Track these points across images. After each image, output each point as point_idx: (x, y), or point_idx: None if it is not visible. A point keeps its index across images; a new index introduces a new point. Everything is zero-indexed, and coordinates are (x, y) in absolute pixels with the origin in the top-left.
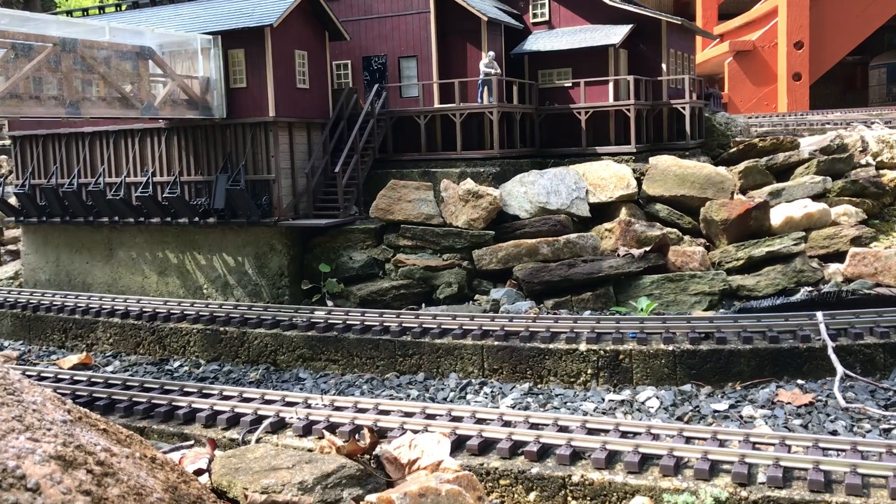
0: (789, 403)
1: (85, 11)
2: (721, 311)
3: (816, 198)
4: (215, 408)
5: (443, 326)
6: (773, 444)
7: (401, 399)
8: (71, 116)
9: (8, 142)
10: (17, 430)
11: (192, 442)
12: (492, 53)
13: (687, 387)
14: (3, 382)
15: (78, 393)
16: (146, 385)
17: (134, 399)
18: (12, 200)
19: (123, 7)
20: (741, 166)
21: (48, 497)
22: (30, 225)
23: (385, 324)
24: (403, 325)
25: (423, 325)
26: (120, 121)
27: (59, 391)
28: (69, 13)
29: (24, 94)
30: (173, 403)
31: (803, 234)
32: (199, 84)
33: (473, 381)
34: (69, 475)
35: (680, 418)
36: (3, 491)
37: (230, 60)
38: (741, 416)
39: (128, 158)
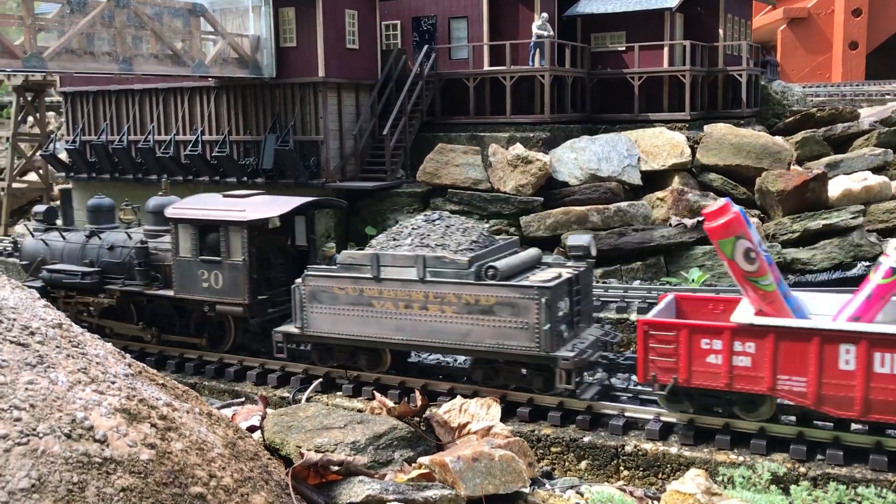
0: None
1: None
2: None
3: (876, 170)
4: (266, 366)
5: None
6: None
7: (448, 363)
8: (124, 73)
9: (58, 98)
10: (84, 383)
11: (242, 399)
12: (545, 15)
13: None
14: (68, 335)
15: (130, 348)
16: None
17: (185, 355)
18: (63, 156)
19: None
20: (798, 136)
21: (115, 449)
22: (80, 181)
23: None
24: None
25: None
26: (170, 78)
27: None
28: None
29: (78, 49)
30: (224, 360)
31: (862, 207)
32: (250, 42)
33: None
34: (134, 428)
35: None
36: (73, 441)
37: (280, 19)
38: None
39: (177, 117)
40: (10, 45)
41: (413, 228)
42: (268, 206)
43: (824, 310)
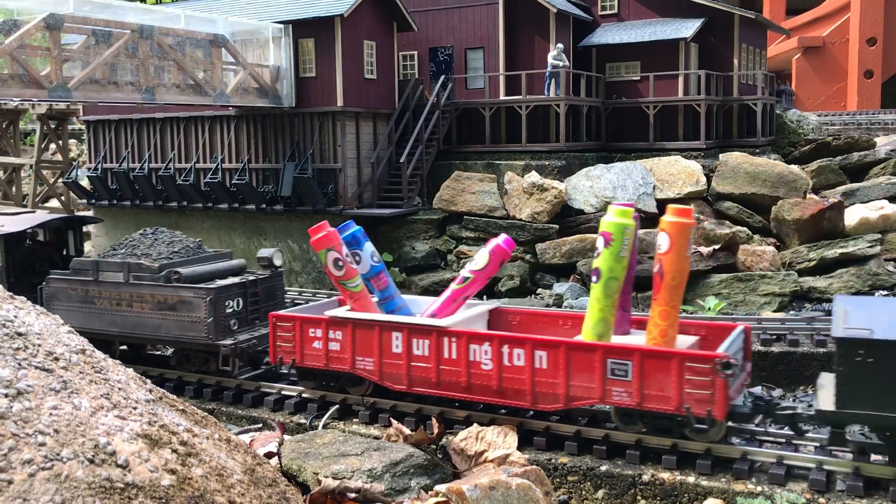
0: None
1: None
2: (791, 312)
3: (893, 199)
4: (283, 392)
5: None
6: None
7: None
8: (147, 102)
9: (79, 126)
10: (106, 408)
11: (259, 425)
12: (560, 45)
13: (758, 389)
14: (91, 361)
15: (149, 373)
16: None
17: (203, 381)
18: (84, 183)
19: None
20: (813, 165)
21: (137, 474)
22: (101, 207)
23: None
24: None
25: None
26: (190, 107)
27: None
28: (144, 0)
29: (102, 79)
30: (241, 387)
31: (879, 236)
32: (270, 72)
33: None
34: (156, 454)
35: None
36: (96, 466)
37: (300, 49)
38: None
39: (197, 145)
40: (36, 76)
41: (130, 241)
42: (22, 222)
43: (426, 309)
